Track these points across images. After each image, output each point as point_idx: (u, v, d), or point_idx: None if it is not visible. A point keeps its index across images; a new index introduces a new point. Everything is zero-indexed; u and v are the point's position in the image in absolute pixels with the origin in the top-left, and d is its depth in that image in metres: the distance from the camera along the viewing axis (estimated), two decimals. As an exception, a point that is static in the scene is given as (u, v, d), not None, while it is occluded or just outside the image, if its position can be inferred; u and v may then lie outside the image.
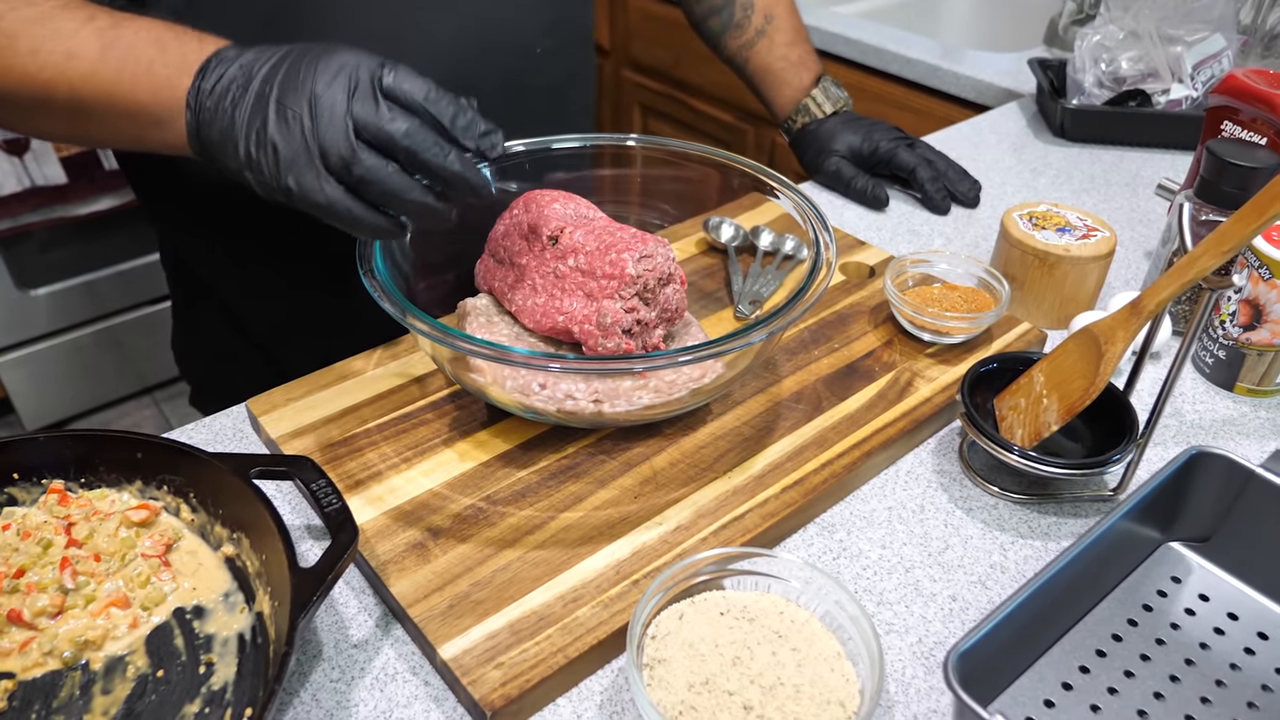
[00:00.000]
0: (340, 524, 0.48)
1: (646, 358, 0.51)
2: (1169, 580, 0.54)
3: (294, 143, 0.49)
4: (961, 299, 0.70)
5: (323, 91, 0.49)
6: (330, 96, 0.49)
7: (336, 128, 0.48)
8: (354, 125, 0.49)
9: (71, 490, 0.54)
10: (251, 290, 0.81)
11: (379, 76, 0.49)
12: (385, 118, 0.49)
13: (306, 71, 0.49)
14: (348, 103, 0.49)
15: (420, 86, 0.50)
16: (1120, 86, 1.04)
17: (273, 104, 0.49)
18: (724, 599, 0.49)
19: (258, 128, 0.50)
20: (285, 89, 0.49)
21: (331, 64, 0.49)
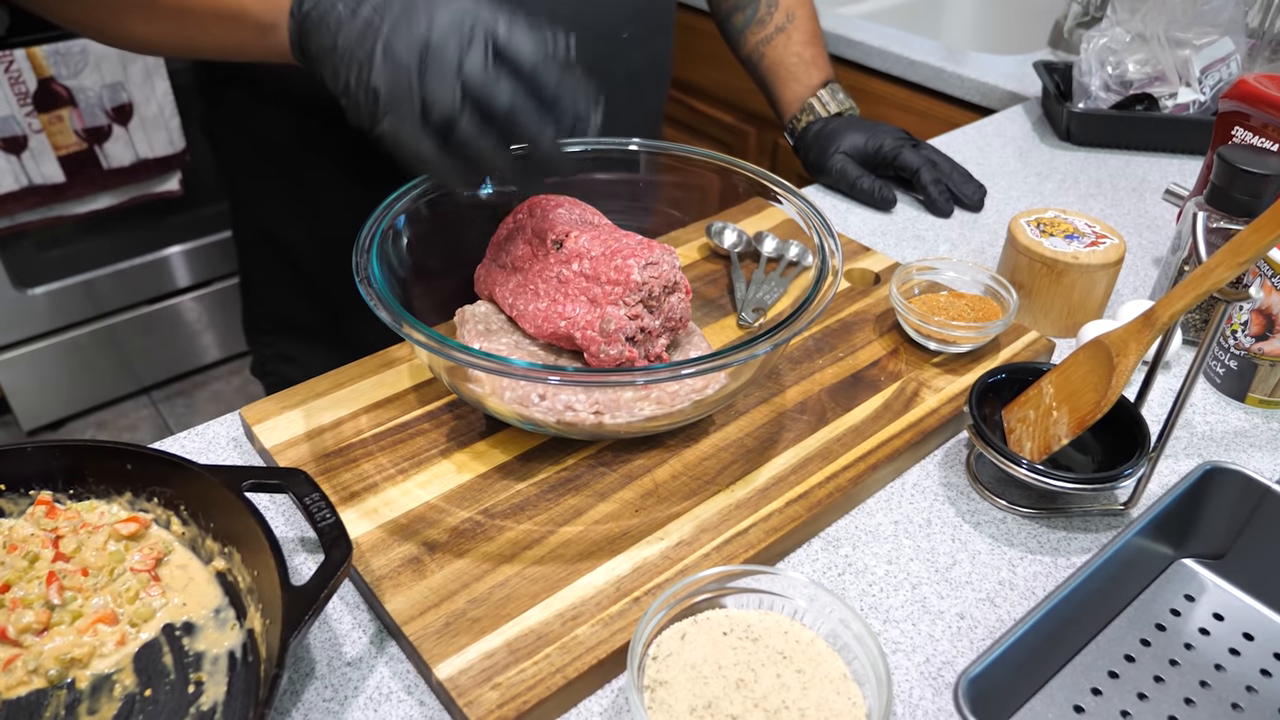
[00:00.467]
0: (334, 540, 0.47)
1: (648, 370, 0.49)
2: (1182, 598, 0.53)
3: (399, 90, 0.47)
4: (968, 307, 0.69)
5: (438, 42, 0.47)
6: (443, 49, 0.47)
7: (446, 85, 0.47)
8: (462, 84, 0.47)
9: (60, 502, 0.53)
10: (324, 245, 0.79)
11: (495, 32, 0.48)
12: (493, 82, 0.47)
13: (422, 12, 0.47)
14: (459, 59, 0.47)
15: (532, 50, 0.48)
16: (1127, 90, 1.03)
17: (381, 42, 0.48)
18: (727, 618, 0.48)
19: (361, 62, 0.48)
20: (397, 28, 0.47)
21: (448, 10, 0.47)
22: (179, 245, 1.92)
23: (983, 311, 0.69)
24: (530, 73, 0.48)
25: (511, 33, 0.48)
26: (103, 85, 1.63)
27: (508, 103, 0.48)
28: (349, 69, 0.49)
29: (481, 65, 0.47)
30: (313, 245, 0.82)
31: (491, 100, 0.48)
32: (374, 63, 0.48)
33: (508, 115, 0.48)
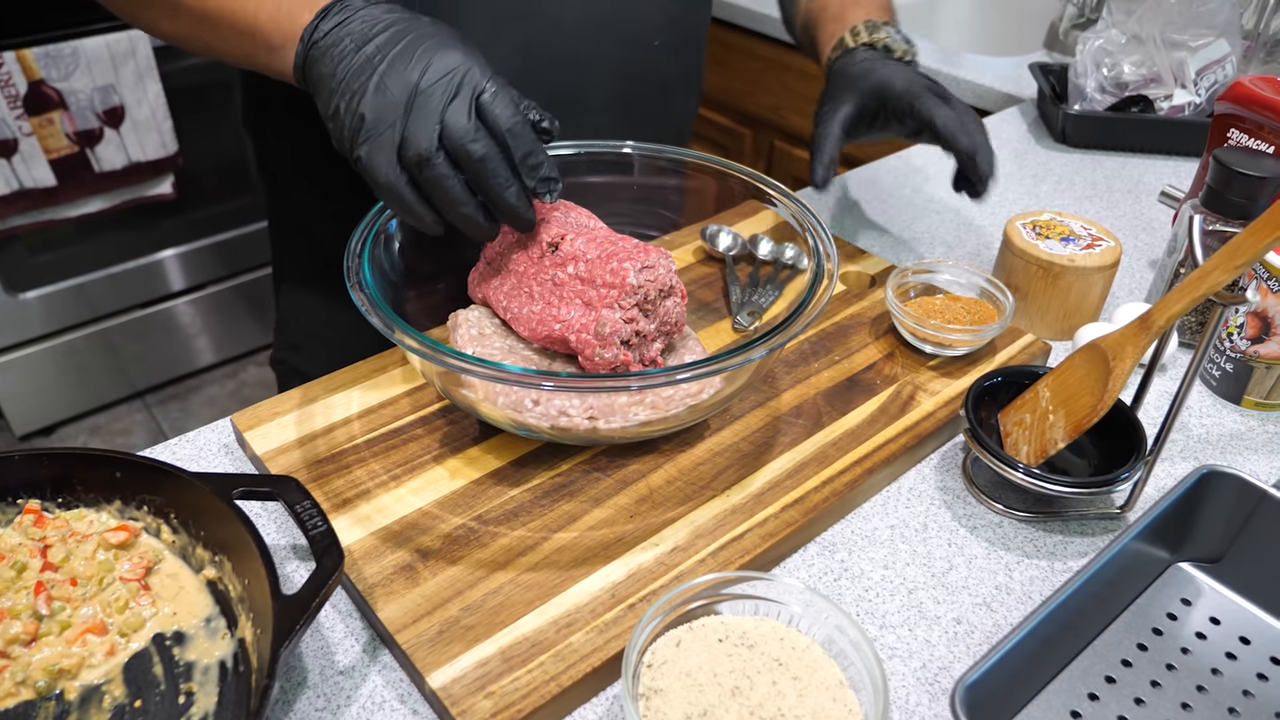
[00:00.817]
0: (325, 548, 0.47)
1: (642, 375, 0.49)
2: (1179, 602, 0.52)
3: (382, 122, 0.50)
4: (965, 310, 0.69)
5: (426, 86, 0.50)
6: (430, 94, 0.50)
7: (426, 126, 0.50)
8: (442, 130, 0.50)
9: (48, 510, 0.52)
10: None
11: (480, 90, 0.51)
12: (471, 135, 0.50)
13: (420, 59, 0.51)
14: (444, 106, 0.50)
15: (510, 115, 0.51)
16: (1123, 92, 1.03)
17: (376, 77, 0.51)
18: (722, 624, 0.47)
19: (354, 91, 0.51)
20: (394, 66, 0.51)
21: (444, 62, 0.51)
22: (172, 249, 1.91)
23: (979, 314, 0.69)
24: (506, 133, 0.51)
25: (496, 94, 0.51)
26: (94, 88, 1.62)
27: (480, 154, 0.50)
28: (342, 96, 0.52)
29: (463, 115, 0.50)
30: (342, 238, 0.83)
31: (465, 149, 0.50)
32: (366, 93, 0.51)
33: (479, 165, 0.51)
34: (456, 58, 0.51)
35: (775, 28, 1.51)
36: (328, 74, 0.52)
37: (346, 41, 0.52)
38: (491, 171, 0.51)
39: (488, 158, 0.51)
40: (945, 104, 0.72)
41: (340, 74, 0.52)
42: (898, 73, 0.74)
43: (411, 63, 0.50)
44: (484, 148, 0.50)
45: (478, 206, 0.53)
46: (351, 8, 0.53)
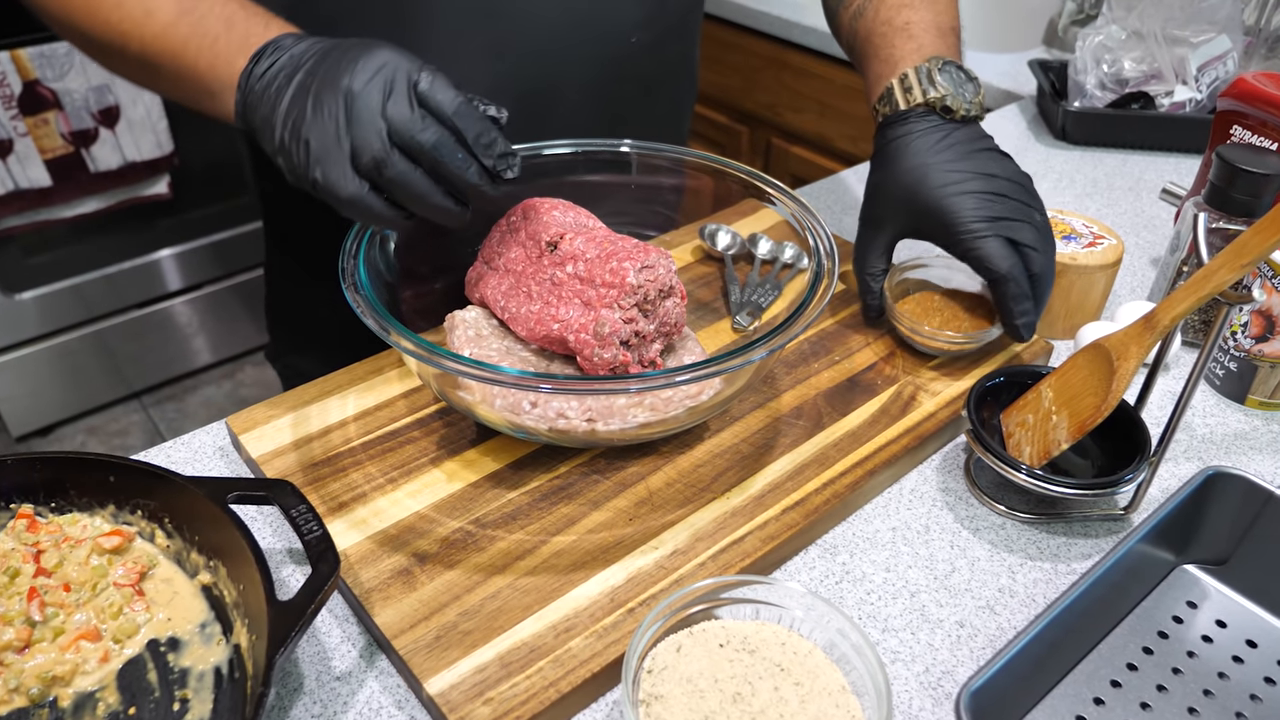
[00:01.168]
0: (320, 553, 0.46)
1: (641, 377, 0.49)
2: (1184, 605, 0.52)
3: (326, 138, 0.50)
4: (964, 308, 0.68)
5: (360, 89, 0.49)
6: (366, 95, 0.49)
7: (371, 128, 0.49)
8: (388, 127, 0.49)
9: (41, 515, 0.51)
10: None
11: (415, 81, 0.50)
12: (418, 125, 0.49)
13: (346, 67, 0.50)
14: (383, 104, 0.49)
15: (451, 98, 0.50)
16: (1123, 88, 1.03)
17: (311, 97, 0.50)
18: (723, 629, 0.47)
19: (294, 118, 0.51)
20: (324, 83, 0.50)
21: (371, 62, 0.50)
22: (169, 249, 1.91)
23: (978, 311, 0.68)
24: (452, 116, 0.50)
25: (432, 81, 0.50)
26: (89, 88, 1.62)
27: (432, 141, 0.50)
28: (283, 127, 0.51)
29: (404, 109, 0.49)
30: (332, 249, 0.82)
31: (416, 140, 0.49)
32: (305, 117, 0.50)
33: (433, 153, 0.50)
34: (382, 55, 0.50)
35: (772, 24, 1.51)
36: (267, 113, 0.52)
37: (280, 77, 0.52)
38: (447, 156, 0.50)
39: (440, 143, 0.50)
40: (1013, 250, 0.61)
41: (279, 108, 0.51)
42: (955, 186, 0.62)
43: (340, 72, 0.50)
44: (434, 134, 0.49)
45: (445, 195, 0.52)
46: (283, 47, 0.53)
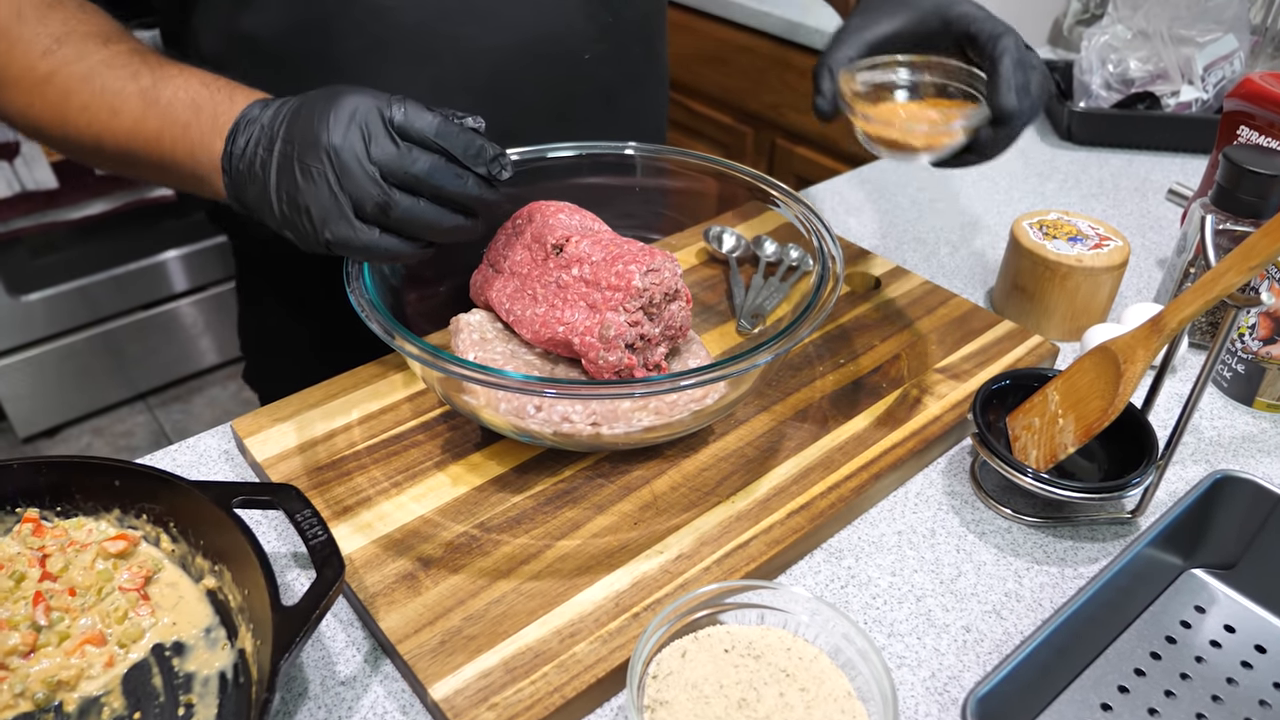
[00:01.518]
0: (325, 558, 0.46)
1: (646, 382, 0.48)
2: (1192, 610, 0.52)
3: (324, 200, 0.50)
4: (930, 113, 0.61)
5: (340, 143, 0.49)
6: (348, 147, 0.49)
7: (364, 177, 0.49)
8: (379, 171, 0.49)
9: (46, 519, 0.52)
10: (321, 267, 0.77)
11: (389, 117, 0.50)
12: (408, 159, 0.49)
13: (319, 123, 0.50)
14: (367, 149, 0.49)
15: (429, 122, 0.50)
16: (1129, 88, 1.02)
17: (296, 165, 0.50)
18: (728, 634, 0.47)
19: (287, 190, 0.51)
20: (304, 146, 0.50)
21: (341, 112, 0.50)
22: (174, 250, 1.91)
23: (948, 116, 0.60)
24: (435, 139, 0.50)
25: (405, 111, 0.50)
26: (95, 90, 1.62)
27: (425, 169, 0.50)
28: (280, 201, 0.51)
29: (389, 147, 0.49)
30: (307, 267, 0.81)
31: (410, 174, 0.50)
32: (298, 185, 0.50)
33: (430, 179, 0.50)
34: (350, 101, 0.50)
35: (776, 25, 1.50)
36: (259, 191, 0.52)
37: (260, 152, 0.52)
38: (444, 179, 0.50)
39: (433, 169, 0.50)
40: (1023, 65, 0.59)
41: (270, 182, 0.51)
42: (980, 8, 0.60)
43: (316, 131, 0.49)
44: (425, 163, 0.50)
45: (453, 213, 0.52)
46: (254, 119, 0.53)
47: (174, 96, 0.55)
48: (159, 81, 0.55)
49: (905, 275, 0.76)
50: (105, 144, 0.57)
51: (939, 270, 0.83)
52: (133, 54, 0.57)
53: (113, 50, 0.57)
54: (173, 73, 0.56)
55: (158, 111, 0.55)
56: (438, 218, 0.51)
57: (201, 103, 0.55)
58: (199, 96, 0.55)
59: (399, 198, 0.50)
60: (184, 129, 0.54)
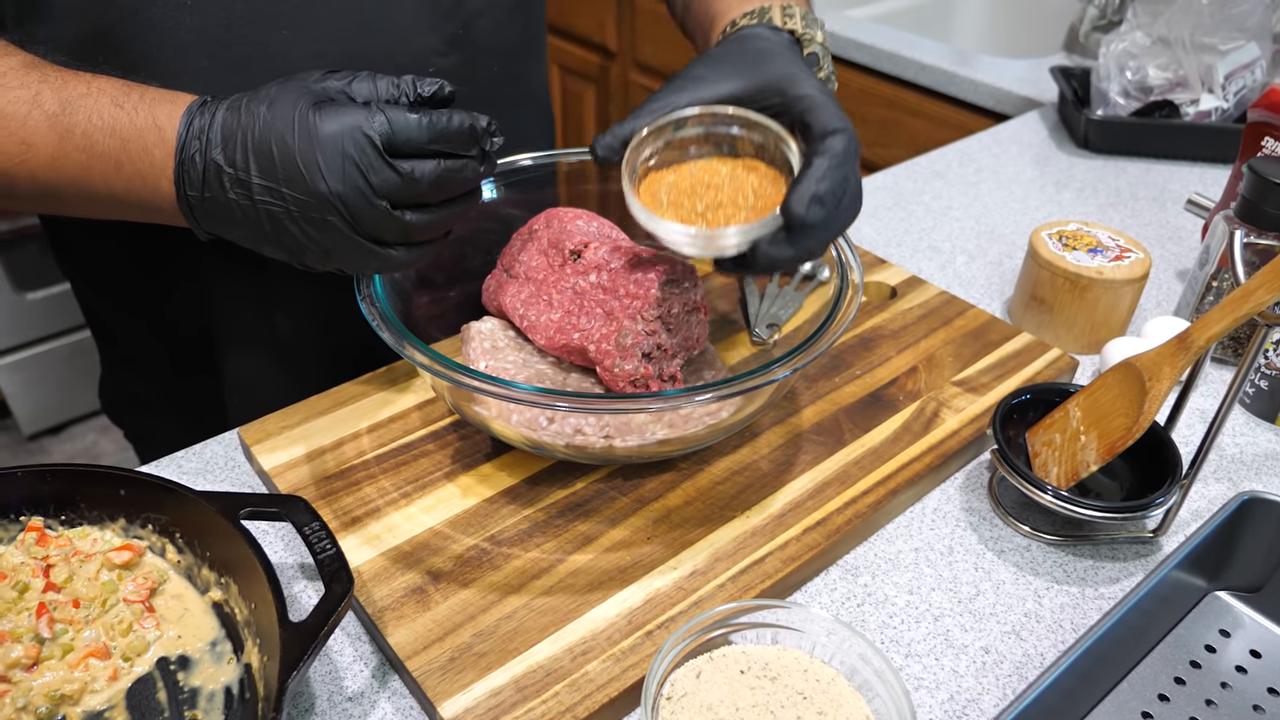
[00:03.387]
0: (334, 573, 0.45)
1: (660, 396, 0.47)
2: (1217, 634, 0.51)
3: (343, 246, 0.48)
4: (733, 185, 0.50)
5: (342, 189, 0.46)
6: (351, 191, 0.46)
7: (377, 216, 0.47)
8: (389, 203, 0.47)
9: (51, 528, 0.51)
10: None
11: (376, 139, 0.46)
12: (412, 183, 0.47)
13: (309, 170, 0.46)
14: (370, 188, 0.46)
15: (416, 128, 0.47)
16: (1148, 96, 1.01)
17: (301, 219, 0.47)
18: (744, 655, 0.46)
19: (297, 238, 0.48)
20: (304, 202, 0.47)
21: (329, 150, 0.46)
22: (181, 248, 1.90)
23: (760, 192, 0.50)
24: (430, 144, 0.47)
25: (389, 122, 0.46)
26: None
27: (432, 181, 0.47)
28: (294, 255, 0.50)
29: (391, 177, 0.46)
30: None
31: (420, 196, 0.48)
32: (310, 236, 0.48)
33: (438, 189, 0.48)
34: (332, 133, 0.45)
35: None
36: (250, 233, 0.49)
37: (235, 199, 0.47)
38: (450, 182, 0.48)
39: (439, 179, 0.47)
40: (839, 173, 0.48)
41: (264, 226, 0.48)
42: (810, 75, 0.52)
43: (308, 180, 0.46)
44: (429, 176, 0.47)
45: (463, 201, 0.50)
46: (207, 161, 0.47)
47: (89, 124, 0.49)
48: (66, 105, 0.49)
49: (921, 285, 0.75)
50: (19, 181, 0.50)
51: (955, 280, 0.82)
52: (26, 69, 0.50)
53: (5, 66, 0.50)
54: (79, 90, 0.49)
55: (75, 144, 0.49)
56: (451, 215, 0.50)
57: (123, 131, 0.49)
58: (116, 122, 0.49)
59: (413, 219, 0.48)
60: (116, 166, 0.49)
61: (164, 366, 0.78)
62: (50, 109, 0.49)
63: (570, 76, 2.00)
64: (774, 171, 0.51)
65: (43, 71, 0.50)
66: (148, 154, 0.49)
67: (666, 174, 0.51)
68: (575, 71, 1.98)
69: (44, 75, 0.50)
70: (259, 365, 0.73)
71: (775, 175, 0.51)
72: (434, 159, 0.48)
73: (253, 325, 0.71)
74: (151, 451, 0.63)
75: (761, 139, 0.51)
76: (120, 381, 0.84)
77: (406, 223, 0.48)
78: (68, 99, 0.49)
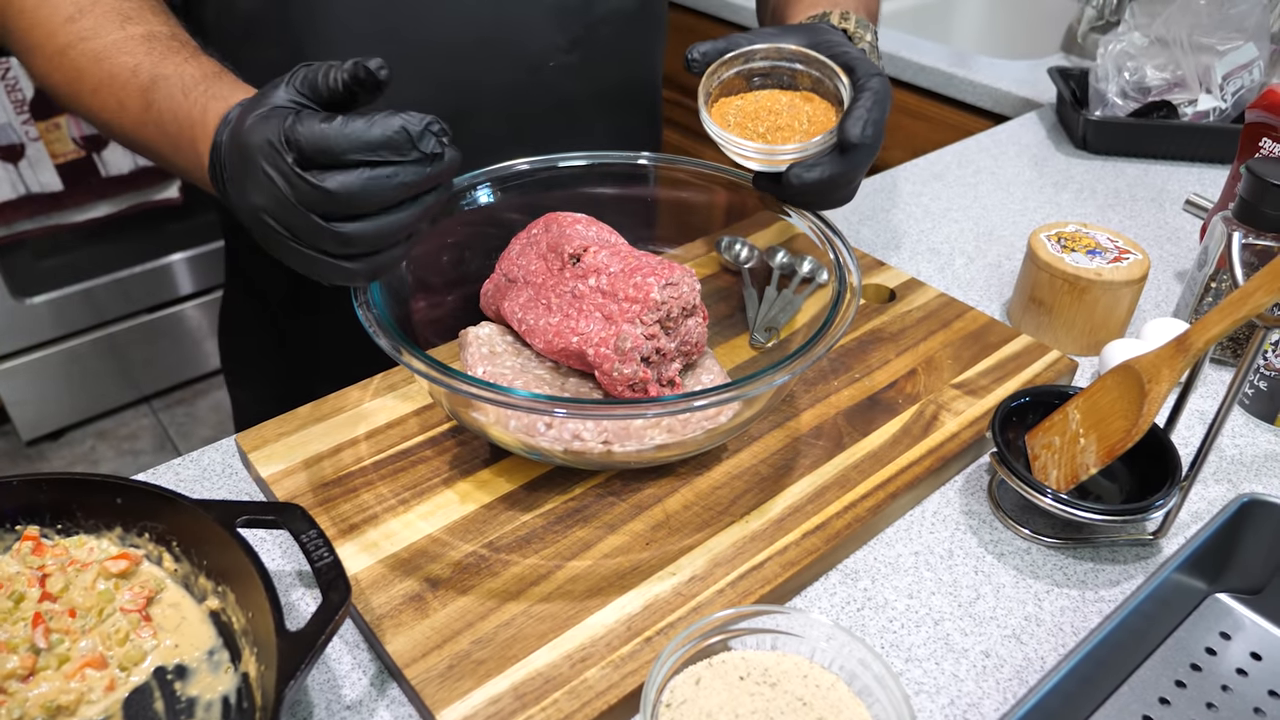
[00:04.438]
0: (331, 581, 0.45)
1: (659, 401, 0.47)
2: (1218, 636, 0.50)
3: (293, 255, 0.48)
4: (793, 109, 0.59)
5: (266, 202, 0.46)
6: (275, 205, 0.45)
7: (310, 228, 0.46)
8: (318, 214, 0.45)
9: (47, 537, 0.51)
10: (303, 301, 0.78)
11: (284, 157, 0.44)
12: (330, 198, 0.44)
13: (240, 181, 0.47)
14: (291, 201, 0.45)
15: (326, 139, 0.44)
16: (1146, 97, 1.01)
17: (257, 230, 0.48)
18: (743, 661, 0.45)
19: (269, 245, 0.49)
20: (245, 213, 0.48)
21: (251, 167, 0.45)
22: (179, 253, 1.90)
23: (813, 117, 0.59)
24: (345, 149, 0.44)
25: (298, 131, 0.44)
26: (101, 92, 1.61)
27: (355, 191, 0.44)
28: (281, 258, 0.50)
29: (306, 190, 0.44)
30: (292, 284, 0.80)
31: (337, 202, 0.45)
32: (274, 248, 0.48)
33: (365, 200, 0.45)
34: (247, 149, 0.45)
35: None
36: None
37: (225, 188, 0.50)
38: (379, 191, 0.45)
39: (363, 189, 0.44)
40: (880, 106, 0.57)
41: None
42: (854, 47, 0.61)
43: (244, 195, 0.47)
44: (349, 185, 0.44)
45: (413, 206, 0.47)
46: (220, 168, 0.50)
47: (163, 104, 0.53)
48: (153, 83, 0.54)
49: (920, 287, 0.75)
50: (115, 133, 0.57)
51: (954, 281, 0.82)
52: (143, 41, 0.56)
53: (127, 33, 0.56)
54: (166, 71, 0.54)
55: (152, 118, 0.54)
56: (401, 223, 0.47)
57: (182, 119, 0.52)
58: (179, 109, 0.52)
59: (351, 229, 0.46)
60: (174, 148, 0.53)
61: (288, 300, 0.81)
62: (143, 81, 0.54)
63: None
64: (826, 103, 0.59)
65: (152, 45, 0.55)
66: (194, 145, 0.52)
67: (734, 99, 0.60)
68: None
69: (151, 49, 0.55)
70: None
71: (827, 107, 0.59)
72: (357, 168, 0.44)
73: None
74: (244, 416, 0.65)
75: (819, 74, 0.59)
76: (243, 319, 0.89)
77: (342, 234, 0.46)
78: (156, 76, 0.54)
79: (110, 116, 0.56)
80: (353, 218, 0.46)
